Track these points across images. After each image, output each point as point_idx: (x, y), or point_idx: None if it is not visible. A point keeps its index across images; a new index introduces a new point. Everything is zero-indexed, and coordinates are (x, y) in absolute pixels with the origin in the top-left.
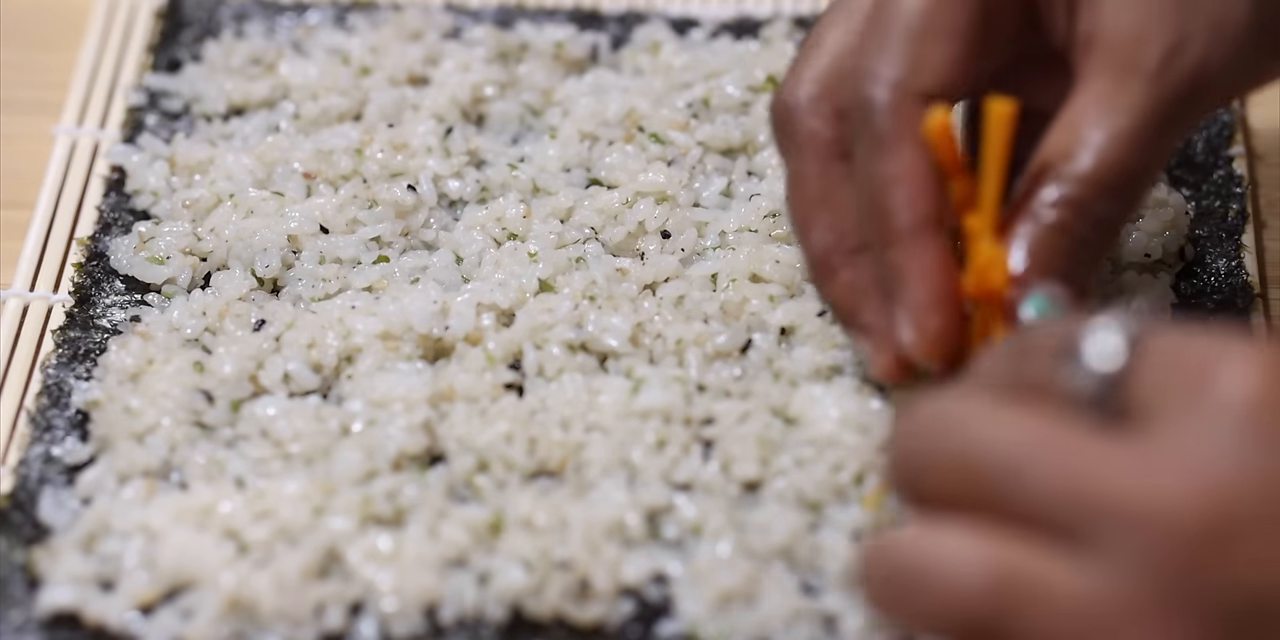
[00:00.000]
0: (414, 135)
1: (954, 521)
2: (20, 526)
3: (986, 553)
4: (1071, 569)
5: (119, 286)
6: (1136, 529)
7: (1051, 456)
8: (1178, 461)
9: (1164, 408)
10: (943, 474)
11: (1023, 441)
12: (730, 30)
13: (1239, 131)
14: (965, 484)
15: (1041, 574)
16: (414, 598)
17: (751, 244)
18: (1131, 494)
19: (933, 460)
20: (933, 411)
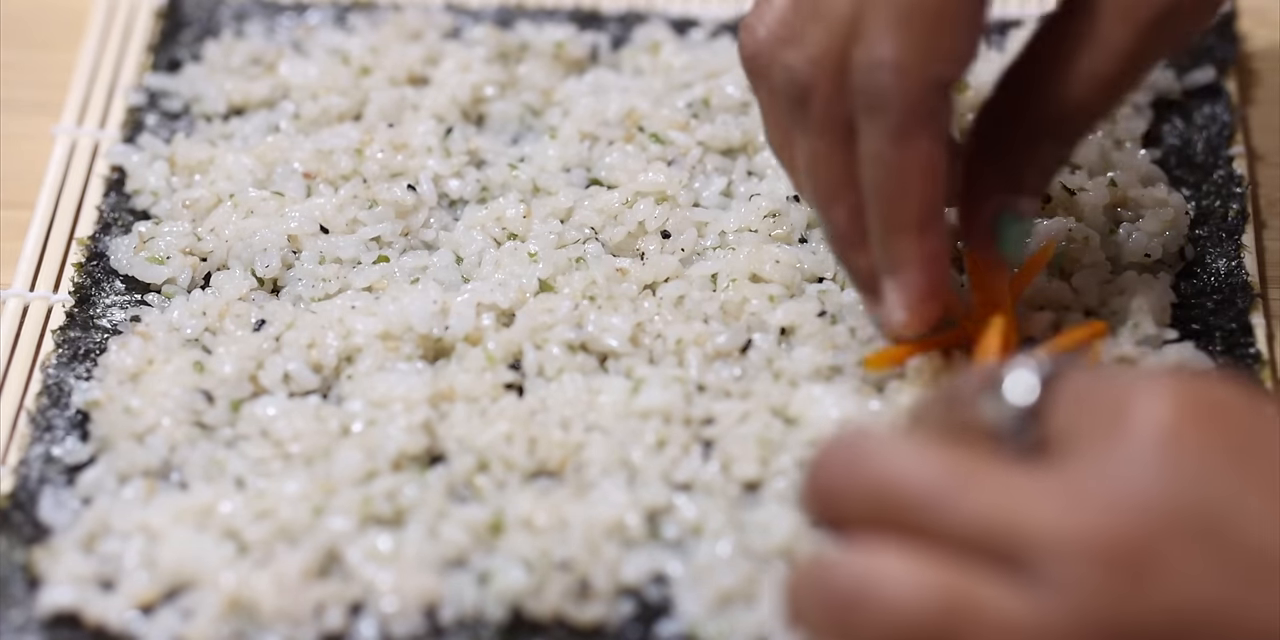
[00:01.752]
0: (414, 135)
1: (887, 546)
2: (20, 526)
3: (929, 576)
4: (1009, 595)
5: (119, 286)
6: (1062, 557)
7: (973, 485)
8: (1094, 490)
9: (1079, 439)
10: (862, 502)
11: (940, 471)
12: (730, 30)
13: (1239, 131)
14: (887, 512)
15: (983, 599)
16: (414, 598)
17: (751, 244)
18: (1056, 523)
19: (851, 488)
20: (849, 442)
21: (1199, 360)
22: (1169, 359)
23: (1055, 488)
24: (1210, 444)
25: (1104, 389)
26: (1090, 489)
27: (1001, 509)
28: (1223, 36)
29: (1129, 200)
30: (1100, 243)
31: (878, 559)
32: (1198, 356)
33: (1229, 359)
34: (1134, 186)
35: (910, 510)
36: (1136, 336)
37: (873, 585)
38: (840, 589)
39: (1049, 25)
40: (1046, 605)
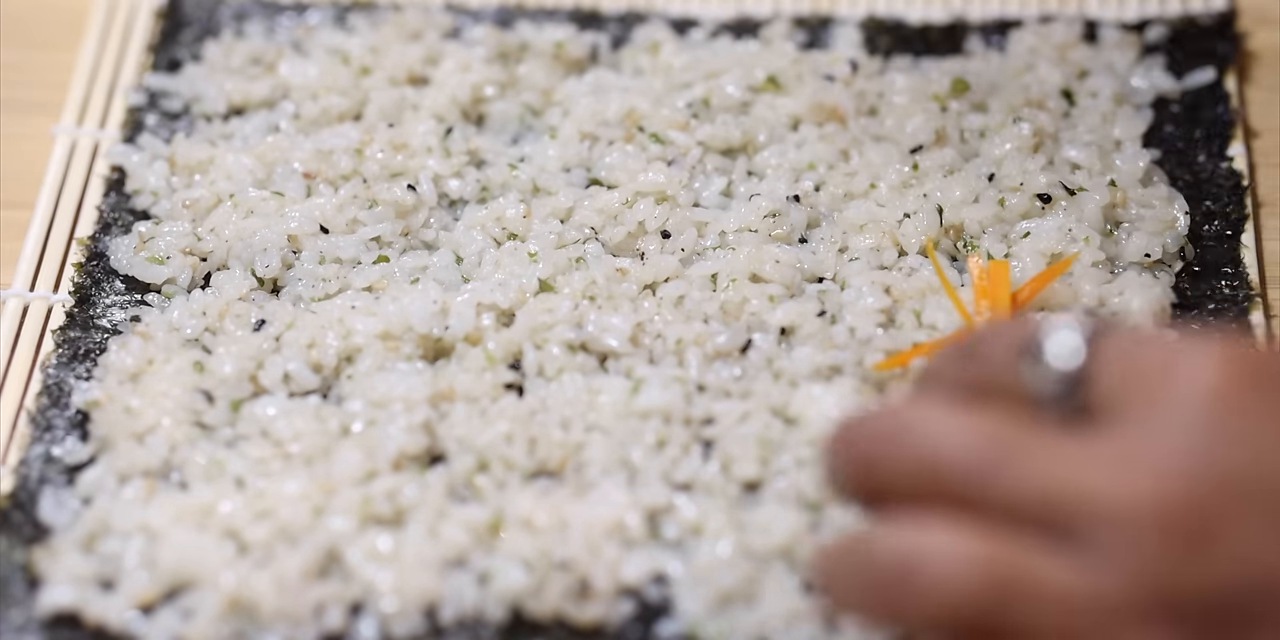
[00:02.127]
0: (414, 135)
1: (931, 520)
2: (20, 526)
3: (977, 548)
4: (1061, 565)
5: (119, 286)
6: (1116, 527)
7: (1020, 455)
8: (1145, 456)
9: (1127, 404)
10: (904, 474)
11: (987, 441)
12: (730, 30)
13: (1239, 131)
14: (932, 485)
15: (1034, 570)
16: (414, 598)
17: (751, 244)
18: (1107, 490)
19: (894, 463)
20: (888, 414)
21: None
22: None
23: (1104, 454)
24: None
25: (1149, 352)
26: (1140, 454)
27: (1050, 478)
28: (1223, 36)
29: (1129, 200)
30: (1100, 243)
31: (922, 534)
32: None
33: None
34: (1134, 186)
35: (955, 482)
36: None
37: (919, 561)
38: (885, 566)
39: None
40: (1100, 573)
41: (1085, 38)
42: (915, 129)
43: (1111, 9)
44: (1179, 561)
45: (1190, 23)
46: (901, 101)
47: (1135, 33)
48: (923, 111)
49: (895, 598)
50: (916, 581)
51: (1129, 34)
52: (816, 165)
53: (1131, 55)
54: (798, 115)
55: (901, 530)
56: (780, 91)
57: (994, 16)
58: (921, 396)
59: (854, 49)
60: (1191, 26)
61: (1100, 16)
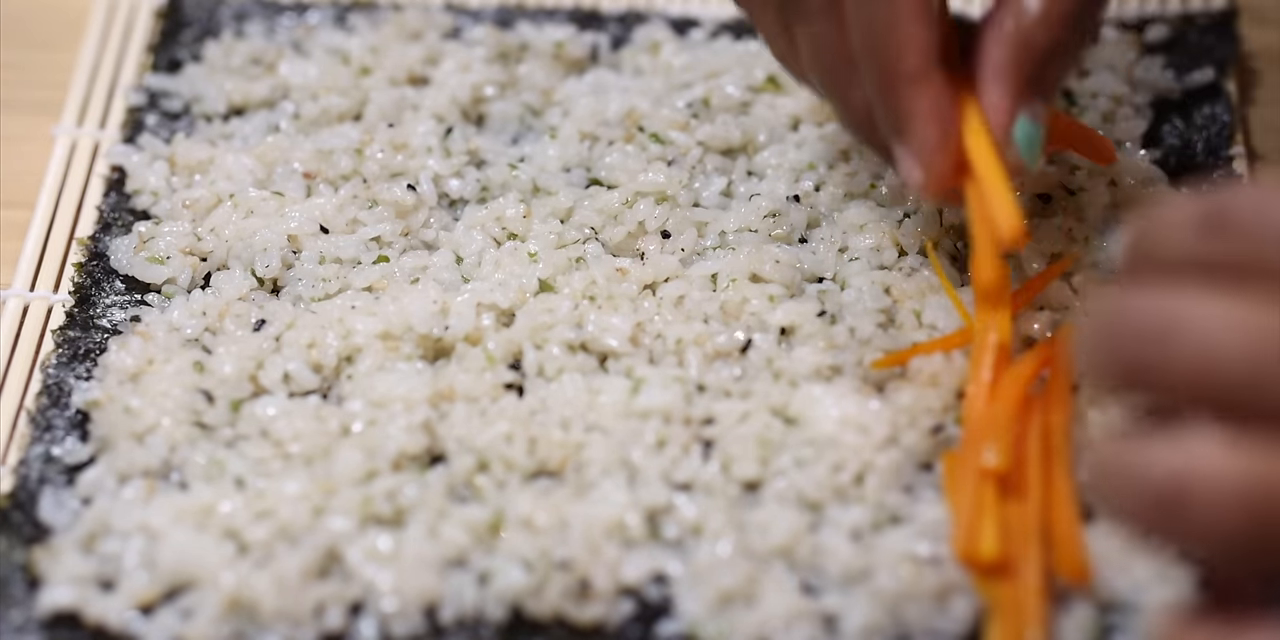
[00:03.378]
0: (414, 135)
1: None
2: (20, 526)
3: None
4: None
5: (119, 286)
6: None
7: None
8: None
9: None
10: (1178, 379)
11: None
12: (730, 30)
13: (1239, 131)
14: (1206, 389)
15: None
16: (414, 598)
17: (751, 244)
18: None
19: (1167, 366)
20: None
21: None
22: None
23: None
24: None
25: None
26: None
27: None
28: (1223, 36)
29: (1129, 200)
30: (1100, 243)
31: (1194, 451)
32: None
33: None
34: (1134, 186)
35: (1231, 388)
36: None
37: (1191, 484)
38: (1156, 487)
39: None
40: None
41: None
42: None
43: (1111, 9)
44: None
45: (1190, 23)
46: None
47: (1135, 32)
48: None
49: (1167, 520)
50: (1188, 506)
51: (1129, 33)
52: (816, 165)
53: (1131, 55)
54: (798, 115)
55: (1173, 446)
56: (780, 91)
57: None
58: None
59: None
60: (1191, 26)
61: None
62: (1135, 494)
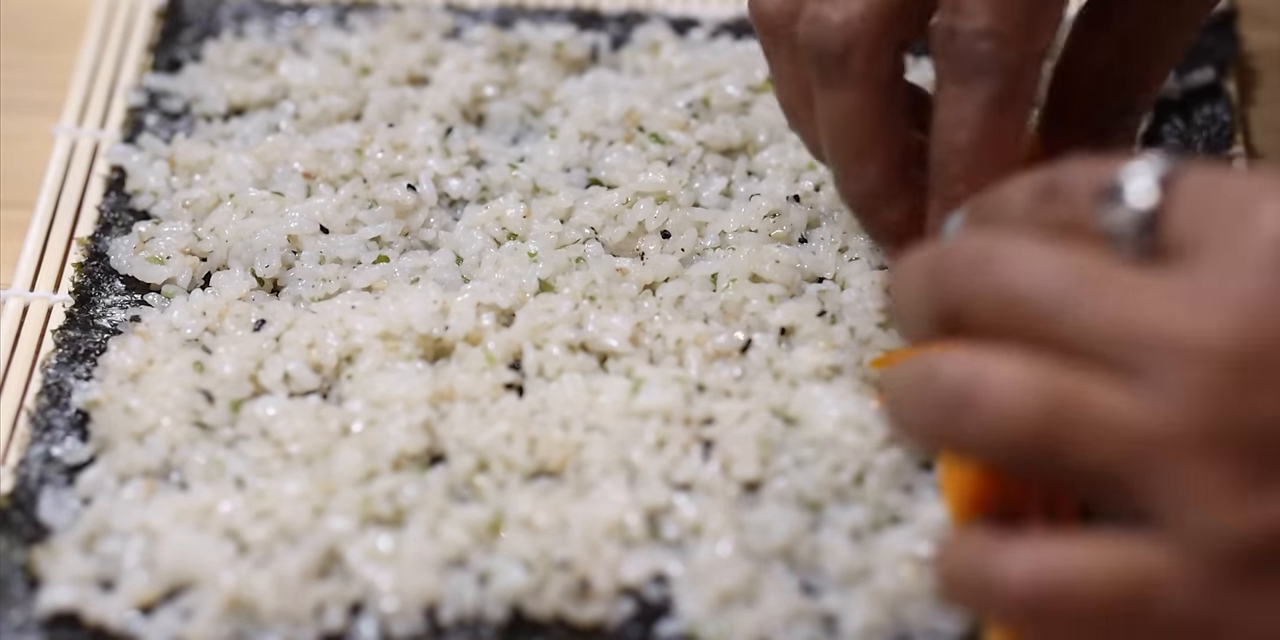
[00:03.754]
0: (414, 135)
1: (1004, 349)
2: (20, 526)
3: (1039, 376)
4: (1121, 397)
5: (119, 286)
6: (1182, 361)
7: (1098, 291)
8: (1220, 294)
9: (1203, 243)
10: (987, 307)
11: (1070, 276)
12: (730, 30)
13: (1239, 131)
14: (1010, 318)
15: (1092, 400)
16: (414, 598)
17: (751, 244)
18: (1177, 327)
19: (977, 294)
20: (974, 247)
21: None
22: None
23: (1178, 291)
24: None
25: (1227, 190)
26: (1214, 292)
27: (1121, 314)
28: (1223, 36)
29: None
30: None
31: (990, 360)
32: None
33: None
34: None
35: (1031, 315)
36: None
37: (979, 384)
38: (945, 388)
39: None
40: (1158, 406)
41: None
42: None
43: None
44: (1238, 396)
45: None
46: None
47: None
48: None
49: (950, 419)
50: (974, 405)
51: None
52: (816, 165)
53: None
54: None
55: (971, 355)
56: None
57: None
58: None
59: None
60: None
61: None
62: (922, 399)
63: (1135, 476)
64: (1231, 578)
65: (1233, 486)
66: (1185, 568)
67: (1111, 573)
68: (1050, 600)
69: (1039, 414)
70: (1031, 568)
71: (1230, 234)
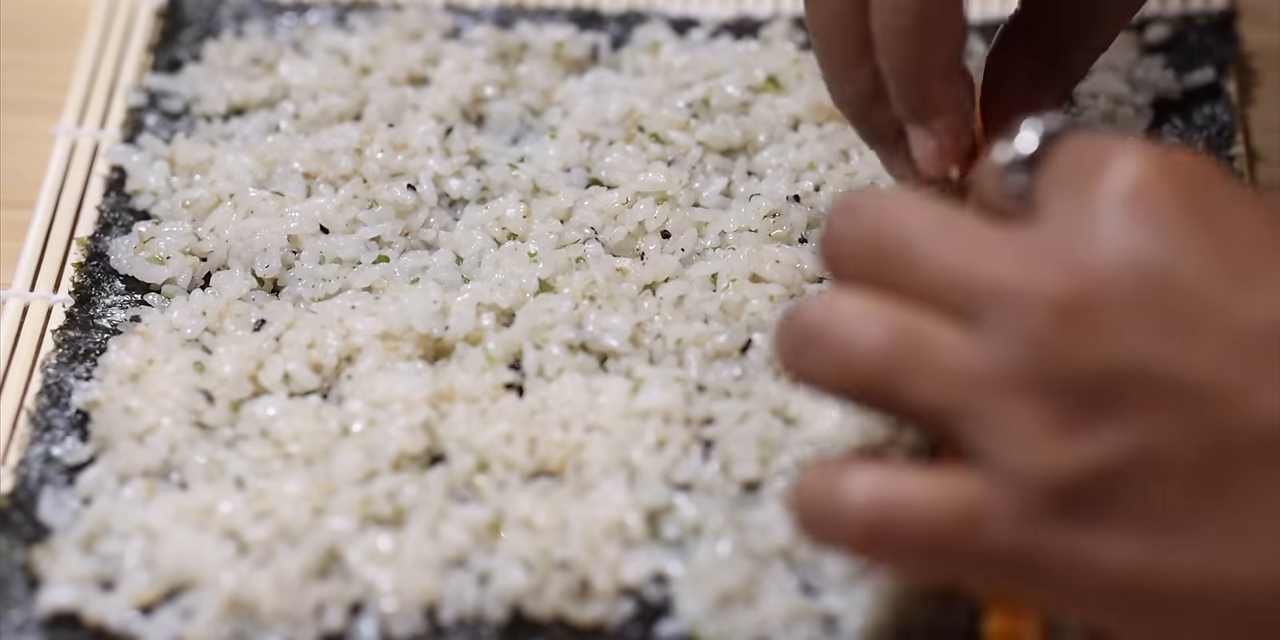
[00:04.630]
0: (414, 135)
1: (859, 291)
2: (20, 526)
3: (886, 316)
4: (956, 340)
5: (119, 286)
6: (1010, 307)
7: (946, 239)
8: (1054, 245)
9: (1055, 197)
10: (855, 251)
11: (928, 224)
12: (730, 30)
13: (1239, 131)
14: (872, 262)
15: (932, 339)
16: (414, 598)
17: (751, 244)
18: (1010, 275)
19: (848, 238)
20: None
21: None
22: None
23: (1021, 242)
24: (1174, 206)
25: (1088, 148)
26: (1051, 244)
27: (969, 261)
28: (1223, 36)
29: None
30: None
31: (844, 300)
32: None
33: None
34: None
35: (890, 260)
36: None
37: (830, 321)
38: (802, 324)
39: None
40: (987, 349)
41: None
42: None
43: None
44: (1058, 343)
45: (1190, 23)
46: None
47: (1135, 33)
48: None
49: (802, 352)
50: (822, 339)
51: (1129, 34)
52: (816, 165)
53: (1131, 55)
54: (798, 115)
55: (830, 296)
56: (780, 91)
57: (994, 16)
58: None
59: None
60: (1191, 26)
61: None
62: (787, 331)
63: (964, 414)
64: (1046, 513)
65: (1049, 427)
66: (1005, 501)
67: (940, 501)
68: (884, 523)
69: (881, 349)
70: (869, 490)
71: (1075, 189)
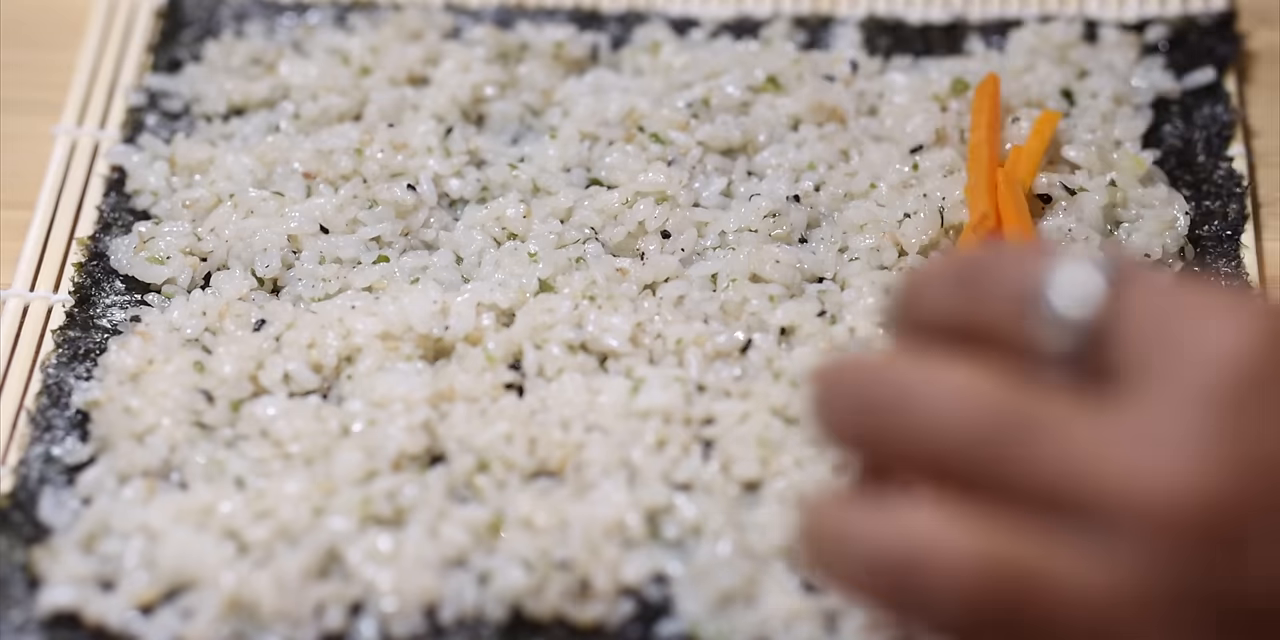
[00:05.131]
0: (414, 135)
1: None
2: (20, 526)
3: (983, 544)
4: (1077, 559)
5: (119, 286)
6: (1139, 518)
7: (1037, 431)
8: (1174, 437)
9: (1148, 368)
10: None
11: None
12: (730, 30)
13: (1239, 131)
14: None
15: (1047, 565)
16: (414, 598)
17: (751, 244)
18: (1130, 477)
19: (896, 437)
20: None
21: None
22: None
23: (1125, 430)
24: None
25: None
26: (1165, 432)
27: (1065, 458)
28: (1223, 36)
29: (1129, 200)
30: (1100, 243)
31: (922, 523)
32: None
33: None
34: (1134, 186)
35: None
36: None
37: (919, 557)
38: (888, 559)
39: None
40: (1120, 568)
41: (1085, 38)
42: (915, 129)
43: (1111, 9)
44: (1210, 562)
45: (1190, 23)
46: (901, 101)
47: (1135, 33)
48: (923, 111)
49: (898, 596)
50: (919, 581)
51: (1129, 34)
52: (816, 165)
53: (1131, 55)
54: (798, 115)
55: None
56: (780, 91)
57: (994, 16)
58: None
59: (854, 49)
60: (1191, 26)
61: (1100, 16)
62: (860, 561)
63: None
64: None
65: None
66: None
67: None
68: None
69: (991, 589)
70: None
71: (1180, 363)
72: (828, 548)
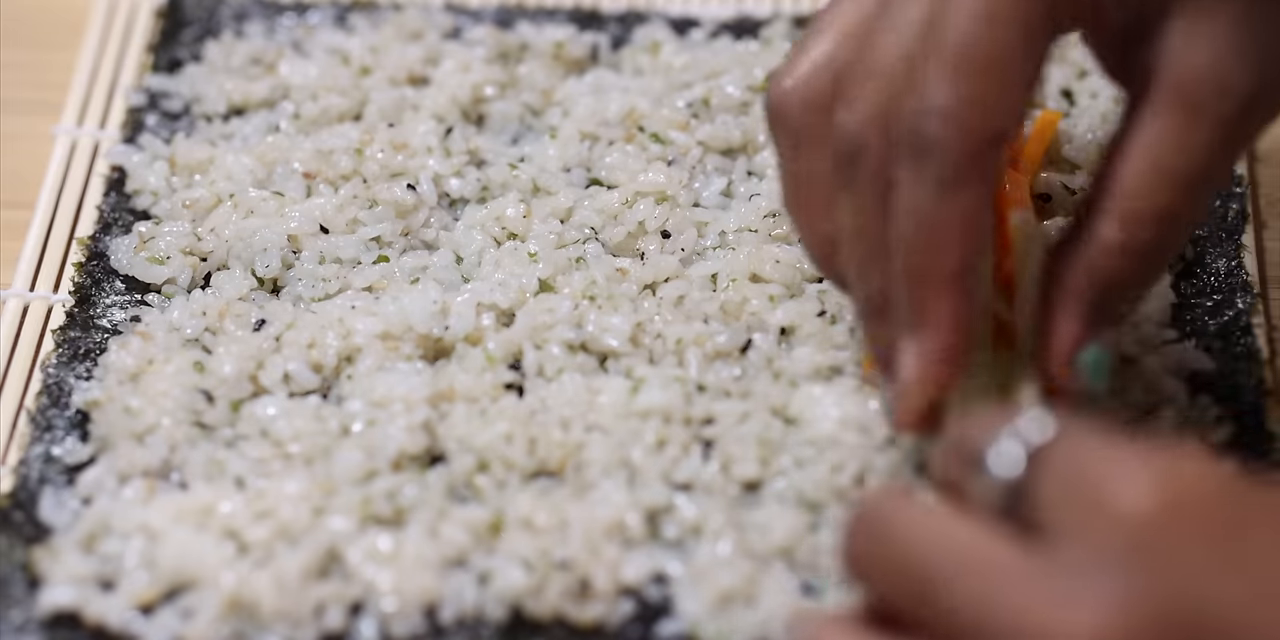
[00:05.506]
0: (414, 135)
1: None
2: (20, 526)
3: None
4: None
5: (119, 286)
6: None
7: (968, 571)
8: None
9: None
10: (884, 576)
11: (946, 552)
12: (730, 30)
13: None
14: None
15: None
16: (414, 598)
17: (751, 244)
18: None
19: (874, 562)
20: (874, 514)
21: (1199, 360)
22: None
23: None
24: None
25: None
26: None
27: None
28: None
29: None
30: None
31: None
32: (1198, 356)
33: (1228, 359)
34: None
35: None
36: (1136, 336)
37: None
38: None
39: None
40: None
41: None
42: None
43: None
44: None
45: None
46: None
47: None
48: None
49: None
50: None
51: None
52: None
53: None
54: None
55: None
56: None
57: None
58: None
59: None
60: None
61: None
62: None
63: None
64: None
65: None
66: None
67: None
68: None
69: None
70: None
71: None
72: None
